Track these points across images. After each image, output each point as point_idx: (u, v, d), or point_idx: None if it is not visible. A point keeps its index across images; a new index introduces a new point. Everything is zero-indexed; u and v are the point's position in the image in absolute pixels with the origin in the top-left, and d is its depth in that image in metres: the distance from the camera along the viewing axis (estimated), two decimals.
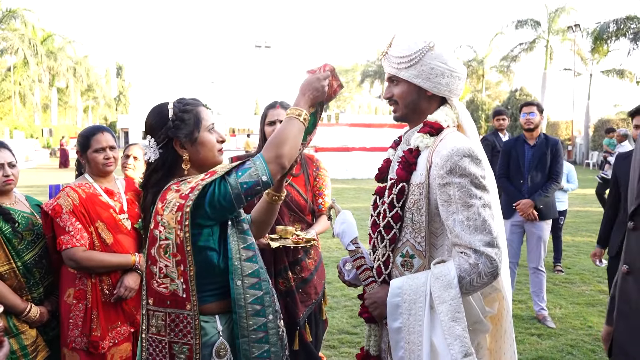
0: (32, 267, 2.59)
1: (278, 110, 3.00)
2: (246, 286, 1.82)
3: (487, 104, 33.57)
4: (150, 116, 1.92)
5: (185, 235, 1.72)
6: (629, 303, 1.55)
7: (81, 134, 2.81)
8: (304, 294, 3.01)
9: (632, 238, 1.56)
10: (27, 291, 2.58)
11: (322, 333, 3.25)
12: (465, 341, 1.66)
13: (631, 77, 31.88)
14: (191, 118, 1.88)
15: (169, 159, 1.88)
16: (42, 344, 2.61)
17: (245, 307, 1.81)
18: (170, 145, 1.88)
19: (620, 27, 26.91)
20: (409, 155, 1.87)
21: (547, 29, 33.45)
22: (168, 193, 1.80)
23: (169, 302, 1.78)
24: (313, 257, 3.09)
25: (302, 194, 3.03)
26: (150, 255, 1.81)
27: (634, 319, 1.53)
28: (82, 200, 2.64)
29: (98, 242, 2.64)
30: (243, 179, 1.73)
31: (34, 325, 2.58)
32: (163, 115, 1.89)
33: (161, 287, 1.78)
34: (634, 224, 1.54)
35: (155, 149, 1.87)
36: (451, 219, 1.72)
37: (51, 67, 40.44)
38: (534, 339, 4.55)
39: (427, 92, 1.88)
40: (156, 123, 1.89)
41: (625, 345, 1.56)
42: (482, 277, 1.69)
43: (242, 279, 1.82)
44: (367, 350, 2.01)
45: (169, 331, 1.78)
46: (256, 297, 1.83)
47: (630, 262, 1.55)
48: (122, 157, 3.91)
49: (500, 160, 5.16)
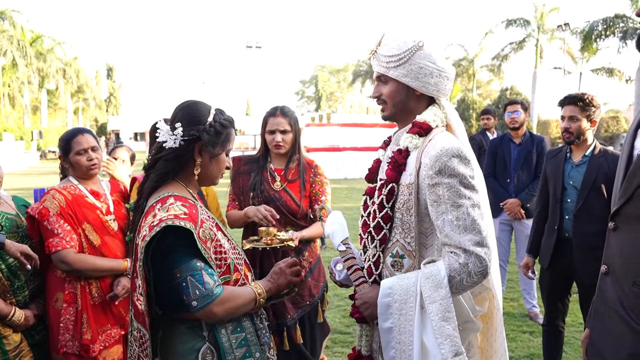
0: (17, 269, 2.51)
1: (278, 119, 3.04)
2: (229, 331, 1.80)
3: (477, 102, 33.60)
4: (189, 108, 1.86)
5: (139, 264, 1.69)
6: (606, 303, 1.55)
7: (61, 138, 2.77)
8: (297, 296, 2.98)
9: (612, 238, 1.56)
10: (11, 294, 2.50)
11: (321, 337, 3.19)
12: (456, 340, 1.66)
13: (620, 75, 32.12)
14: (223, 134, 1.86)
15: (184, 155, 1.82)
16: (27, 349, 2.54)
17: (234, 353, 1.78)
18: (193, 144, 1.82)
19: (609, 26, 27.08)
20: (398, 155, 1.87)
21: (536, 28, 33.61)
22: (150, 212, 1.75)
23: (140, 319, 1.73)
24: (307, 258, 3.07)
25: (296, 200, 3.04)
26: (135, 268, 1.75)
27: (609, 320, 1.53)
28: (68, 202, 2.61)
29: (86, 244, 2.62)
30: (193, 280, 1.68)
31: (19, 329, 2.51)
32: (203, 115, 1.84)
33: (137, 303, 1.73)
34: (614, 224, 1.54)
35: (178, 139, 1.80)
36: (441, 219, 1.73)
37: (40, 68, 40.09)
38: (526, 336, 4.58)
39: (416, 92, 1.88)
40: (193, 117, 1.82)
41: (599, 345, 1.57)
42: (472, 276, 1.69)
43: (225, 327, 1.79)
44: (359, 350, 2.02)
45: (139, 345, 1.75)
46: (240, 340, 1.81)
47: (609, 263, 1.55)
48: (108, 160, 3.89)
49: (487, 159, 5.19)
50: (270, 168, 3.09)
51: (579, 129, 3.25)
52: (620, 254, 1.52)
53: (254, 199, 3.01)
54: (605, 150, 3.31)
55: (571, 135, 3.28)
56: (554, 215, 3.40)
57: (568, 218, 3.34)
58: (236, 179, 3.10)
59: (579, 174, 3.31)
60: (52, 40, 42.18)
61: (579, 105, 3.23)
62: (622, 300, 1.48)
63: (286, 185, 3.05)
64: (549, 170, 3.51)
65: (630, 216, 1.49)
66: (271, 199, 3.00)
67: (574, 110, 3.25)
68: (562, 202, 3.36)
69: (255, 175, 3.06)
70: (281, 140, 3.02)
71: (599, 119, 3.31)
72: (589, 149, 3.31)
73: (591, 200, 3.22)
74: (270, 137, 3.05)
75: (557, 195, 3.36)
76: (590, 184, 3.22)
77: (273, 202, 2.98)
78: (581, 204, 3.25)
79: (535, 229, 3.65)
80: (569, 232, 3.32)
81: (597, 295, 1.62)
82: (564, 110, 3.32)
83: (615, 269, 1.53)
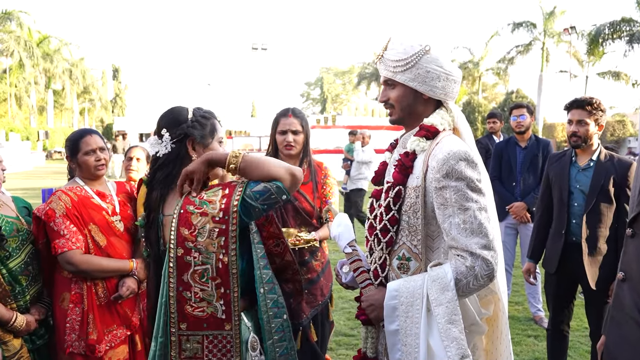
0: (18, 274, 2.49)
1: (290, 119, 3.05)
2: (266, 292, 1.94)
3: (483, 106, 33.52)
4: (169, 114, 1.98)
5: (231, 260, 1.78)
6: (623, 310, 1.54)
7: (69, 139, 2.78)
8: (310, 295, 3.03)
9: (630, 245, 1.56)
10: (11, 299, 2.47)
11: (328, 334, 3.27)
12: (462, 343, 1.66)
13: (627, 79, 32.01)
14: (208, 125, 1.98)
15: (180, 155, 1.93)
16: (26, 354, 2.49)
17: (267, 312, 1.93)
18: (184, 142, 1.93)
19: (616, 30, 27.02)
20: (405, 158, 1.88)
21: (543, 31, 33.53)
22: (192, 217, 1.79)
23: (206, 324, 1.79)
24: (320, 259, 3.11)
25: (310, 201, 3.06)
26: (182, 281, 1.79)
27: (626, 327, 1.52)
28: (74, 203, 2.62)
29: (92, 245, 2.62)
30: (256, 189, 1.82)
31: (21, 335, 2.48)
32: (182, 114, 1.96)
33: (197, 312, 1.79)
34: (632, 231, 1.54)
35: (168, 144, 1.92)
36: (447, 222, 1.73)
37: (47, 69, 40.31)
38: (531, 340, 4.56)
39: (423, 96, 1.89)
40: (174, 120, 1.94)
41: (616, 352, 1.56)
42: (479, 279, 1.70)
43: (264, 286, 1.93)
44: (365, 352, 2.02)
45: (207, 352, 1.80)
46: (273, 301, 1.95)
47: (627, 270, 1.55)
48: (125, 160, 3.91)
49: (492, 163, 5.17)
50: None
51: (587, 133, 3.23)
52: (638, 261, 1.51)
53: None
54: (612, 155, 3.30)
55: (579, 139, 3.26)
56: (561, 219, 3.38)
57: (575, 222, 3.32)
58: None
59: (586, 177, 3.30)
60: (58, 41, 42.41)
61: (587, 109, 3.21)
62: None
63: (299, 187, 3.05)
64: (553, 175, 3.47)
65: None
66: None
67: (582, 114, 3.23)
68: (569, 206, 3.35)
69: None
70: (292, 140, 3.02)
71: (605, 122, 3.29)
72: (594, 153, 3.31)
73: (600, 204, 3.21)
74: (282, 137, 3.05)
75: (564, 199, 3.35)
76: (598, 188, 3.21)
77: (290, 203, 3.00)
78: (590, 207, 3.23)
79: (537, 233, 3.62)
80: (576, 236, 3.30)
81: (613, 302, 1.61)
82: (572, 114, 3.28)
83: (632, 275, 1.52)
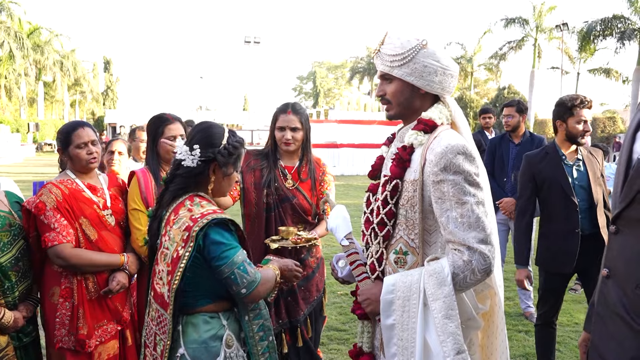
0: (8, 270, 2.46)
1: (289, 116, 3.01)
2: (251, 318, 2.10)
3: (475, 101, 33.68)
4: (207, 131, 2.08)
5: (184, 253, 1.92)
6: (608, 307, 1.55)
7: (61, 131, 2.73)
8: (306, 292, 3.04)
9: (614, 242, 1.56)
10: (0, 295, 2.44)
11: (320, 328, 3.28)
12: (458, 338, 1.66)
13: (617, 76, 32.25)
14: (235, 155, 2.10)
15: (202, 175, 2.05)
16: (11, 353, 2.45)
17: (254, 337, 2.10)
18: (209, 164, 2.05)
19: (607, 27, 27.18)
20: (403, 152, 1.87)
21: (535, 28, 33.66)
22: (181, 209, 2.00)
23: (159, 300, 2.03)
24: (315, 255, 3.10)
25: (308, 199, 3.06)
26: (157, 258, 2.08)
27: (611, 323, 1.53)
28: (65, 196, 2.58)
29: (82, 238, 2.59)
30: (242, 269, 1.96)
31: (8, 332, 2.44)
32: (218, 136, 2.07)
33: (157, 286, 2.04)
34: (616, 227, 1.54)
35: (196, 159, 2.02)
36: (445, 216, 1.72)
37: (37, 60, 39.92)
38: (522, 335, 4.59)
39: (420, 90, 1.88)
40: (209, 141, 2.04)
41: (601, 349, 1.56)
42: (476, 274, 1.69)
43: (248, 314, 2.09)
44: (360, 346, 2.01)
45: (156, 324, 2.04)
46: (259, 326, 2.12)
47: (611, 266, 1.55)
48: (106, 154, 3.88)
49: (486, 158, 5.18)
50: (281, 165, 3.06)
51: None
52: (623, 257, 1.51)
53: (268, 196, 2.99)
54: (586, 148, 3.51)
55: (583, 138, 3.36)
56: (570, 217, 3.34)
57: (582, 217, 3.34)
58: (247, 173, 3.05)
59: (580, 173, 3.37)
60: (49, 32, 42.03)
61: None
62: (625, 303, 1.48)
63: (298, 184, 3.05)
64: (547, 176, 3.40)
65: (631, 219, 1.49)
66: (286, 197, 3.00)
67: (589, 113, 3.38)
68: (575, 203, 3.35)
69: (268, 171, 3.03)
70: (291, 137, 2.99)
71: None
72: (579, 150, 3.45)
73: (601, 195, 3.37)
74: (280, 134, 3.01)
75: (571, 197, 3.33)
76: (596, 179, 3.36)
77: (288, 201, 3.00)
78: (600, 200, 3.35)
79: (526, 239, 3.60)
80: (586, 230, 3.33)
81: (598, 298, 1.62)
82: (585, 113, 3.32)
83: (617, 272, 1.53)
